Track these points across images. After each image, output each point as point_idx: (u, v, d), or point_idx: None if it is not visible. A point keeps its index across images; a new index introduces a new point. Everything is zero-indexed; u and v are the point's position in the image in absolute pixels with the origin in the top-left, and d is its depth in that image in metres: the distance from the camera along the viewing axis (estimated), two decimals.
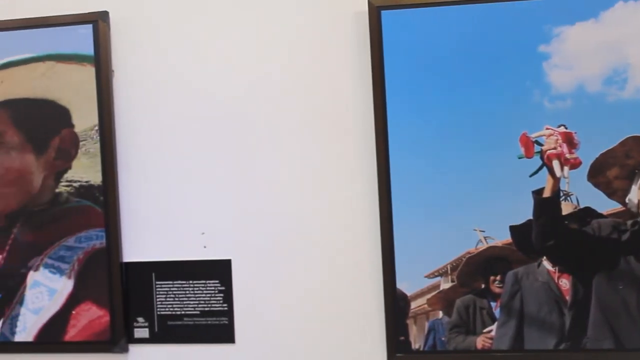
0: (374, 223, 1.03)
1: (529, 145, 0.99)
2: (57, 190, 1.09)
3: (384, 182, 1.02)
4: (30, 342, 1.10)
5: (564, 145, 0.97)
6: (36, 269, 1.10)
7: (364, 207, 1.04)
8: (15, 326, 1.10)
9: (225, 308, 1.08)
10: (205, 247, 1.08)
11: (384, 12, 1.01)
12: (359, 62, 1.05)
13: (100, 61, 1.07)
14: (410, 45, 1.02)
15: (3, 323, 1.11)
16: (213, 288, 1.08)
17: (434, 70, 1.02)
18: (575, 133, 0.97)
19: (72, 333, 1.09)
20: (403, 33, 1.02)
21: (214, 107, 1.07)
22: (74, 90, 1.08)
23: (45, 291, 1.09)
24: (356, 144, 1.05)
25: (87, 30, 1.07)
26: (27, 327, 1.10)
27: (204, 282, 1.08)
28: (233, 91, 1.07)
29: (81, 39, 1.08)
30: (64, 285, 1.09)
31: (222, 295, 1.08)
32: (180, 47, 1.09)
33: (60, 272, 1.09)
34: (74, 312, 1.09)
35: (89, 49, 1.08)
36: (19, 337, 1.11)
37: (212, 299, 1.08)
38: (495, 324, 1.00)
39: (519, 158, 0.99)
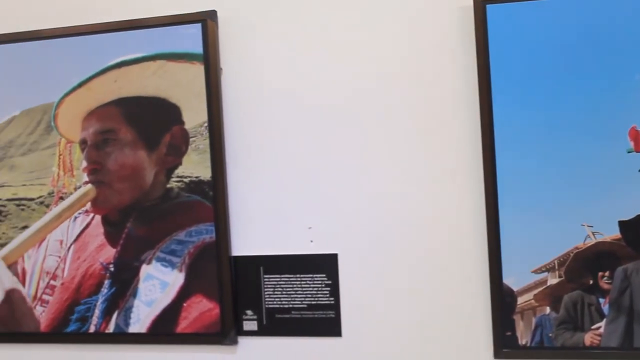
0: (479, 217, 1.19)
1: (639, 138, 1.15)
2: (168, 186, 1.31)
3: (490, 177, 1.16)
4: (143, 333, 1.31)
5: None
6: (149, 263, 1.32)
7: (470, 201, 1.20)
8: (129, 318, 1.33)
9: (332, 302, 1.28)
10: (312, 241, 1.28)
11: (489, 7, 1.19)
12: (464, 58, 1.19)
13: (209, 59, 1.28)
14: (515, 39, 1.17)
15: (118, 315, 1.34)
16: (320, 282, 1.29)
17: (541, 65, 1.14)
18: None
19: (183, 325, 1.31)
20: (508, 27, 1.18)
21: (320, 104, 1.25)
22: (184, 88, 1.29)
23: (157, 284, 1.32)
24: (462, 139, 1.21)
25: (196, 29, 1.29)
26: (141, 318, 1.33)
27: (311, 275, 1.29)
28: (339, 88, 1.24)
29: (190, 38, 1.29)
30: (176, 278, 1.30)
31: (328, 289, 1.29)
32: (287, 43, 1.26)
33: (172, 265, 1.31)
34: (185, 304, 1.31)
35: (198, 48, 1.28)
36: (132, 329, 1.33)
37: (319, 292, 1.29)
38: (604, 320, 1.13)
39: (628, 152, 1.12)
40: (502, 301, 1.14)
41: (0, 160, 1.36)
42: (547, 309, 1.14)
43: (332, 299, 1.23)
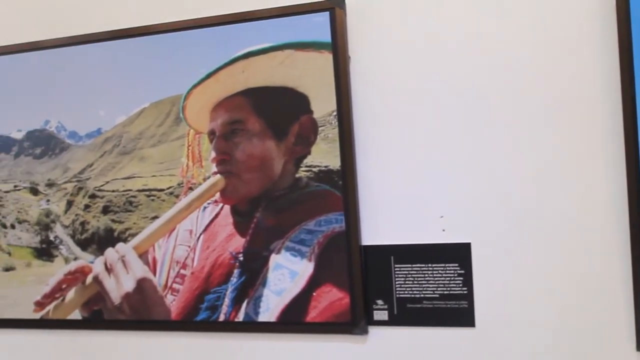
0: (620, 206, 1.32)
1: None
2: (297, 175, 1.55)
3: (633, 165, 1.28)
4: (273, 322, 1.56)
5: None
6: (278, 252, 1.57)
7: (608, 190, 1.32)
8: (259, 307, 1.61)
9: (465, 291, 1.51)
10: (444, 230, 1.50)
11: None
12: (604, 41, 1.32)
13: (338, 48, 1.51)
14: None
15: (247, 304, 1.61)
16: (452, 271, 1.52)
17: None
18: None
19: (313, 314, 1.56)
20: None
21: (451, 91, 1.41)
22: (312, 77, 1.53)
23: (287, 273, 1.58)
24: (600, 126, 1.32)
25: (324, 17, 1.53)
26: (270, 307, 1.59)
27: (443, 265, 1.52)
28: (471, 75, 1.40)
29: (318, 27, 1.53)
30: (305, 268, 1.55)
31: (461, 278, 1.51)
32: (416, 31, 1.42)
33: (301, 254, 1.57)
34: (314, 293, 1.55)
35: (326, 36, 1.53)
36: (262, 317, 1.59)
37: (451, 282, 1.52)
38: None
39: None
40: None
41: (130, 152, 1.65)
42: None
43: (465, 288, 1.45)
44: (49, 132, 1.67)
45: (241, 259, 1.52)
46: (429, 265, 1.45)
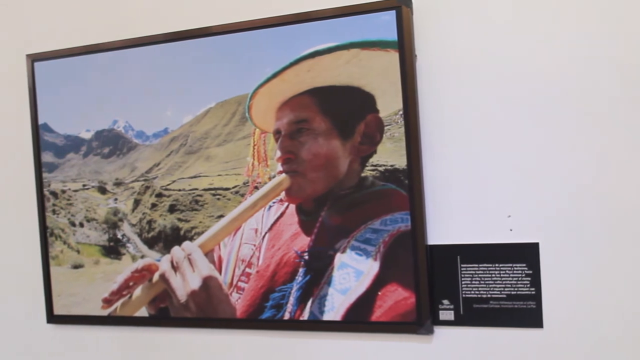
0: None
1: None
2: (362, 175, 1.68)
3: None
4: (338, 321, 1.69)
5: None
6: (343, 251, 1.71)
7: None
8: (324, 305, 1.77)
9: (533, 292, 1.64)
10: (511, 230, 1.63)
11: None
12: None
13: (404, 46, 1.65)
14: None
15: (312, 302, 1.77)
16: (520, 271, 1.64)
17: None
18: None
19: (378, 313, 1.70)
20: None
21: (519, 88, 1.50)
22: (378, 76, 1.66)
23: (352, 272, 1.73)
24: None
25: (390, 16, 1.69)
26: (335, 306, 1.74)
27: (510, 265, 1.65)
28: (541, 72, 1.48)
29: (385, 25, 1.68)
30: (370, 267, 1.67)
31: (529, 279, 1.64)
32: (485, 29, 1.52)
33: (367, 254, 1.71)
34: (379, 293, 1.67)
35: (392, 35, 1.68)
36: (327, 316, 1.73)
37: (518, 282, 1.65)
38: None
39: None
40: None
41: (196, 151, 1.84)
42: None
43: (532, 289, 1.57)
44: (117, 131, 1.86)
45: (306, 257, 1.66)
46: (496, 265, 1.55)
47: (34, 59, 1.97)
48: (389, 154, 1.60)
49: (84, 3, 1.94)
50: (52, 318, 2.01)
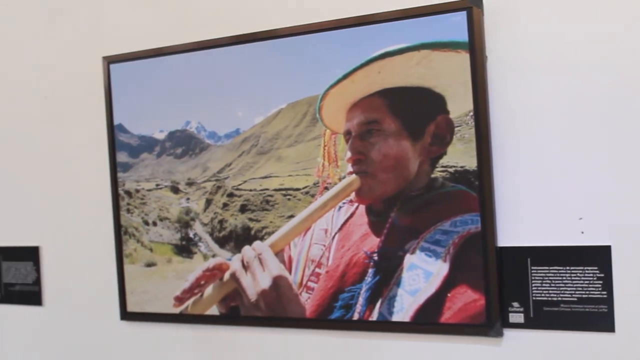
0: None
1: None
2: (432, 176, 1.78)
3: None
4: (407, 322, 1.77)
5: None
6: (412, 252, 1.75)
7: None
8: (393, 306, 1.89)
9: (605, 296, 1.73)
10: (582, 232, 1.72)
11: None
12: None
13: (475, 47, 1.76)
14: None
15: (381, 303, 1.88)
16: (591, 274, 1.74)
17: None
18: None
19: (447, 315, 1.77)
20: None
21: (591, 88, 1.57)
22: (448, 77, 1.74)
23: (421, 274, 1.83)
24: None
25: (461, 17, 1.84)
26: (404, 307, 1.84)
27: (581, 268, 1.77)
28: (613, 72, 1.56)
29: (455, 26, 1.82)
30: (440, 268, 1.70)
31: (600, 282, 1.72)
32: (555, 28, 1.62)
33: (436, 255, 1.80)
34: (449, 294, 1.73)
35: (463, 36, 1.82)
36: (396, 317, 1.80)
37: (590, 285, 1.75)
38: None
39: None
40: None
41: (268, 152, 2.00)
42: None
43: (604, 292, 1.65)
44: (190, 132, 2.06)
45: (376, 258, 1.76)
46: (567, 267, 1.65)
47: (109, 61, 2.16)
48: (459, 155, 1.71)
49: (157, 7, 2.12)
50: (126, 315, 2.20)
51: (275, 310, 1.86)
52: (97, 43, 2.19)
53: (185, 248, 2.02)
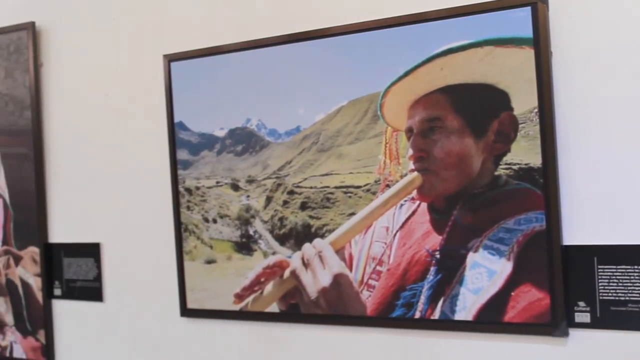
0: None
1: None
2: (496, 173, 1.76)
3: None
4: (469, 321, 1.79)
5: None
6: (475, 250, 1.79)
7: None
8: (455, 305, 1.91)
9: None
10: None
11: None
12: None
13: (539, 43, 1.74)
14: None
15: (443, 302, 1.88)
16: None
17: None
18: None
19: (511, 314, 1.78)
20: None
21: None
22: (512, 74, 1.75)
23: (484, 272, 1.84)
24: None
25: (525, 13, 1.82)
26: (467, 306, 1.85)
27: None
28: None
29: (519, 22, 1.81)
30: (503, 267, 1.72)
31: None
32: (622, 24, 1.62)
33: (500, 253, 1.80)
34: (513, 293, 1.73)
35: (527, 32, 1.80)
36: (458, 316, 1.81)
37: None
38: None
39: None
40: None
41: (328, 149, 2.03)
42: None
43: None
44: (250, 130, 2.10)
45: (438, 256, 1.79)
46: (635, 267, 1.65)
47: (170, 59, 2.21)
48: (524, 152, 1.70)
49: (217, 6, 2.17)
50: (186, 311, 2.25)
51: (336, 308, 1.87)
52: (158, 41, 2.25)
53: (245, 245, 2.05)
